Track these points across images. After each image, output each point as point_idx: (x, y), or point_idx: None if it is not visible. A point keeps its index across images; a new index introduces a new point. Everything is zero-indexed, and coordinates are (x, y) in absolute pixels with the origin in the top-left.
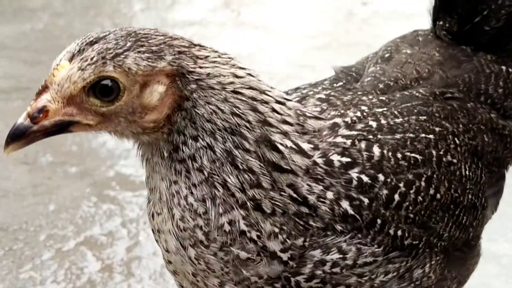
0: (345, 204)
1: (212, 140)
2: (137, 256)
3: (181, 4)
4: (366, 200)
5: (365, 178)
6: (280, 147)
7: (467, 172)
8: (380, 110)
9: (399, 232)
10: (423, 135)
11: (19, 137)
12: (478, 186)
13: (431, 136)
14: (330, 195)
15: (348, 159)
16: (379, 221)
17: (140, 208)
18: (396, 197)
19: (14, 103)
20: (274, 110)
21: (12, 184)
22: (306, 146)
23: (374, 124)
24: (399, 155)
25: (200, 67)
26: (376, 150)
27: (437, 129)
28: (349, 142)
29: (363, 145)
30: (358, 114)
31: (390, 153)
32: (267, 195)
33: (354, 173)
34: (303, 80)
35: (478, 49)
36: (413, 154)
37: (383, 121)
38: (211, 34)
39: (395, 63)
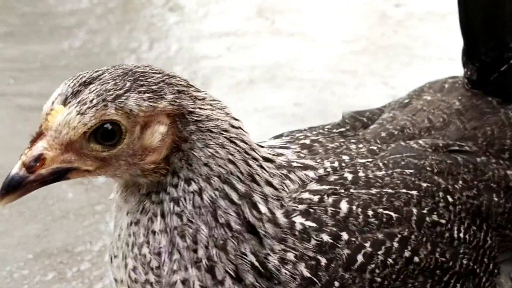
0: (301, 266)
1: (207, 185)
2: None
3: (214, 15)
4: (323, 260)
5: (325, 237)
6: (261, 207)
7: (461, 235)
8: (363, 161)
9: None
10: (404, 190)
11: (14, 188)
12: (480, 250)
13: (413, 192)
14: (291, 256)
15: (312, 224)
16: (336, 283)
17: None
18: (360, 257)
19: None
20: (262, 167)
21: (71, 204)
22: (280, 216)
23: (349, 176)
24: (369, 212)
25: (200, 108)
26: (343, 206)
27: (424, 184)
28: (316, 198)
29: (330, 200)
30: (336, 164)
31: (359, 209)
32: (225, 259)
33: (313, 232)
34: (345, 86)
35: (506, 101)
36: (386, 211)
37: (361, 174)
38: (248, 43)
39: (409, 110)
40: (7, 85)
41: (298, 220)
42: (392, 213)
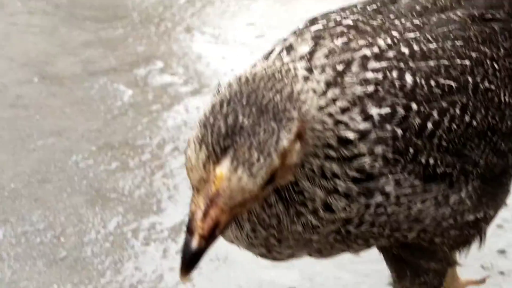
0: (380, 148)
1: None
2: None
3: None
4: (400, 131)
5: (399, 110)
6: (349, 135)
7: (506, 98)
8: (413, 35)
9: (431, 161)
10: (458, 61)
11: (199, 259)
12: None
13: (467, 62)
14: (379, 149)
15: (387, 110)
16: (411, 150)
17: None
18: (429, 125)
19: (116, 31)
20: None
21: (128, 104)
22: (361, 123)
23: (406, 50)
24: (432, 83)
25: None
26: (408, 78)
27: (473, 54)
28: (380, 75)
29: (395, 74)
30: (389, 41)
31: (423, 81)
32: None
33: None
34: None
35: None
36: (447, 81)
37: (415, 48)
38: None
39: None
40: None
41: (374, 111)
42: (451, 83)
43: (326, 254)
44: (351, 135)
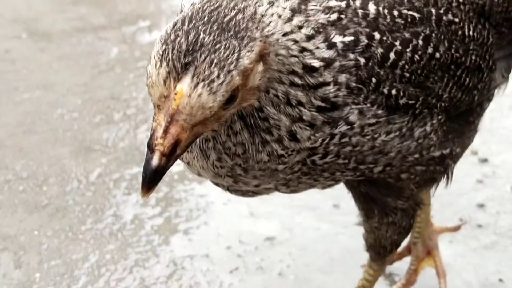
0: (343, 76)
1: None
2: None
3: None
4: (362, 60)
5: (362, 39)
6: (315, 64)
7: (470, 32)
8: None
9: (394, 91)
10: None
11: (160, 178)
12: (484, 47)
13: None
14: (342, 78)
15: (351, 38)
16: (374, 79)
17: None
18: (392, 55)
19: None
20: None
21: (114, 59)
22: (325, 51)
23: None
24: (395, 13)
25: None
26: (371, 7)
27: None
28: (343, 4)
29: (358, 3)
30: None
31: (386, 10)
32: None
33: (352, 46)
34: None
35: None
36: (410, 12)
37: None
38: None
39: None
40: None
41: (338, 39)
42: (415, 14)
43: (294, 188)
44: (316, 63)
